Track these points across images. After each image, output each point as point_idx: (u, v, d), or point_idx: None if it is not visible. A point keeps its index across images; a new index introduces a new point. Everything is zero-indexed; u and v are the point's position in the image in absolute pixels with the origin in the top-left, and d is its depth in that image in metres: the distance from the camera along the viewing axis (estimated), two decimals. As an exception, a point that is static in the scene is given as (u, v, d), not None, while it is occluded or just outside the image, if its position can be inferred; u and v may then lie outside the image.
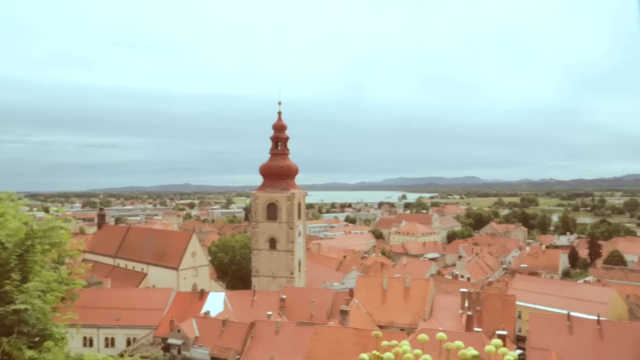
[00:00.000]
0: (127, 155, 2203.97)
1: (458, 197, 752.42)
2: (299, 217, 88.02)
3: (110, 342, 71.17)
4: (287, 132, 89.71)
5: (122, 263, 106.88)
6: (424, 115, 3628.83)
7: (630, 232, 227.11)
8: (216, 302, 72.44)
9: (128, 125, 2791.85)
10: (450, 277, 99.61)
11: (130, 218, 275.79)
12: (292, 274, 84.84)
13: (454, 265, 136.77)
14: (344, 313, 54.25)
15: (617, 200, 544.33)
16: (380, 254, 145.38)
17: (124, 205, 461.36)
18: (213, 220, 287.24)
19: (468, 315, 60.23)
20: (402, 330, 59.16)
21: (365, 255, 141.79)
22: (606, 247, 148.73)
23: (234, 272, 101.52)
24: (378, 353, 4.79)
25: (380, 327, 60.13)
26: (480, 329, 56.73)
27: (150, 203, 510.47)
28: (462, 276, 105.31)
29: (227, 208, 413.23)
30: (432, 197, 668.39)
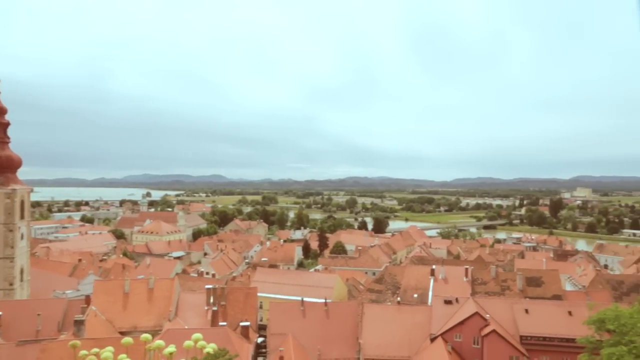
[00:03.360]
0: None
1: (204, 195, 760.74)
2: (22, 217, 75.48)
3: None
4: (8, 117, 75.72)
5: None
6: (172, 110, 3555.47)
7: (350, 226, 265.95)
8: None
9: None
10: (196, 275, 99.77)
11: None
12: (11, 285, 72.15)
13: (199, 262, 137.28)
14: (79, 323, 48.44)
15: (341, 198, 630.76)
16: (121, 256, 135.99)
17: None
18: None
19: (213, 311, 61.08)
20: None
21: (105, 257, 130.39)
22: (332, 239, 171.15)
23: None
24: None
25: (122, 333, 56.05)
26: (225, 323, 58.15)
27: None
28: (207, 273, 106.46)
29: None
30: (178, 195, 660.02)
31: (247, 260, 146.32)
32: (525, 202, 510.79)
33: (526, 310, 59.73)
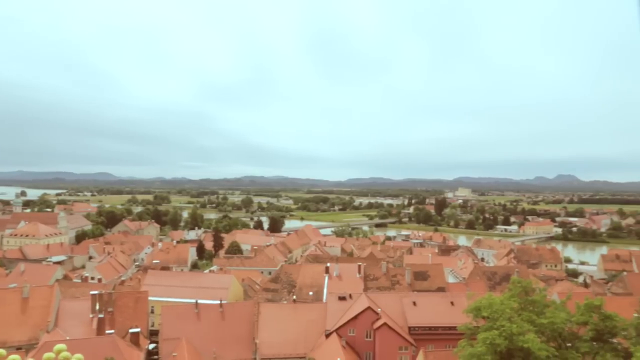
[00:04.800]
0: None
1: (89, 194, 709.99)
2: None
3: None
4: None
5: None
6: (52, 101, 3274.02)
7: (246, 225, 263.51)
8: None
9: None
10: (80, 280, 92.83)
11: None
12: None
13: (83, 267, 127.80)
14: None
15: (237, 197, 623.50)
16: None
17: None
18: None
19: (99, 319, 57.26)
20: (19, 349, 51.33)
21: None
22: (227, 239, 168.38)
23: None
24: None
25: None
26: (112, 331, 54.76)
27: None
28: (92, 278, 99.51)
29: None
30: (58, 194, 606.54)
31: (137, 263, 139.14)
32: (413, 201, 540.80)
33: (414, 303, 63.57)
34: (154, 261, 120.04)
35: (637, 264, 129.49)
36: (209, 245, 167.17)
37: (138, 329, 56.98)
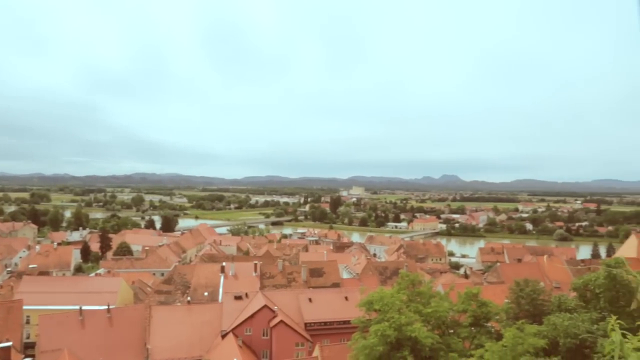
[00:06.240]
0: None
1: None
2: None
3: None
4: None
5: None
6: None
7: (136, 225, 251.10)
8: None
9: None
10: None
11: None
12: None
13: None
14: None
15: (126, 196, 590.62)
16: None
17: None
18: None
19: (-37, 332, 51.08)
20: None
21: None
22: (116, 240, 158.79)
23: None
24: None
25: None
26: (-21, 344, 49.12)
27: None
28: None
29: None
30: None
31: (9, 269, 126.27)
32: (309, 199, 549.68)
33: (310, 299, 64.76)
34: (30, 266, 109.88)
35: (508, 255, 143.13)
36: (95, 246, 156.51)
37: (9, 343, 51.56)
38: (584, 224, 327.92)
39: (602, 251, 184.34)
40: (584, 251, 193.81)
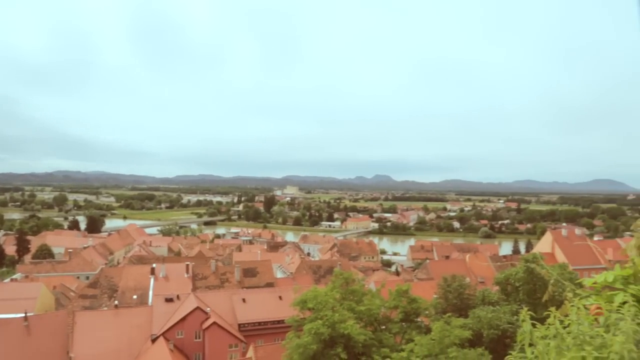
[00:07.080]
0: None
1: None
2: None
3: None
4: None
5: None
6: None
7: (58, 226, 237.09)
8: None
9: None
10: None
11: None
12: None
13: None
14: None
15: (47, 195, 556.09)
16: None
17: None
18: None
19: None
20: None
21: None
22: (35, 242, 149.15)
23: None
24: None
25: None
26: None
27: None
28: None
29: None
30: None
31: None
32: (243, 198, 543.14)
33: (243, 300, 64.18)
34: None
35: (437, 252, 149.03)
36: (10, 249, 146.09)
37: None
38: (506, 222, 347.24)
39: (522, 247, 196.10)
40: (505, 247, 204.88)
